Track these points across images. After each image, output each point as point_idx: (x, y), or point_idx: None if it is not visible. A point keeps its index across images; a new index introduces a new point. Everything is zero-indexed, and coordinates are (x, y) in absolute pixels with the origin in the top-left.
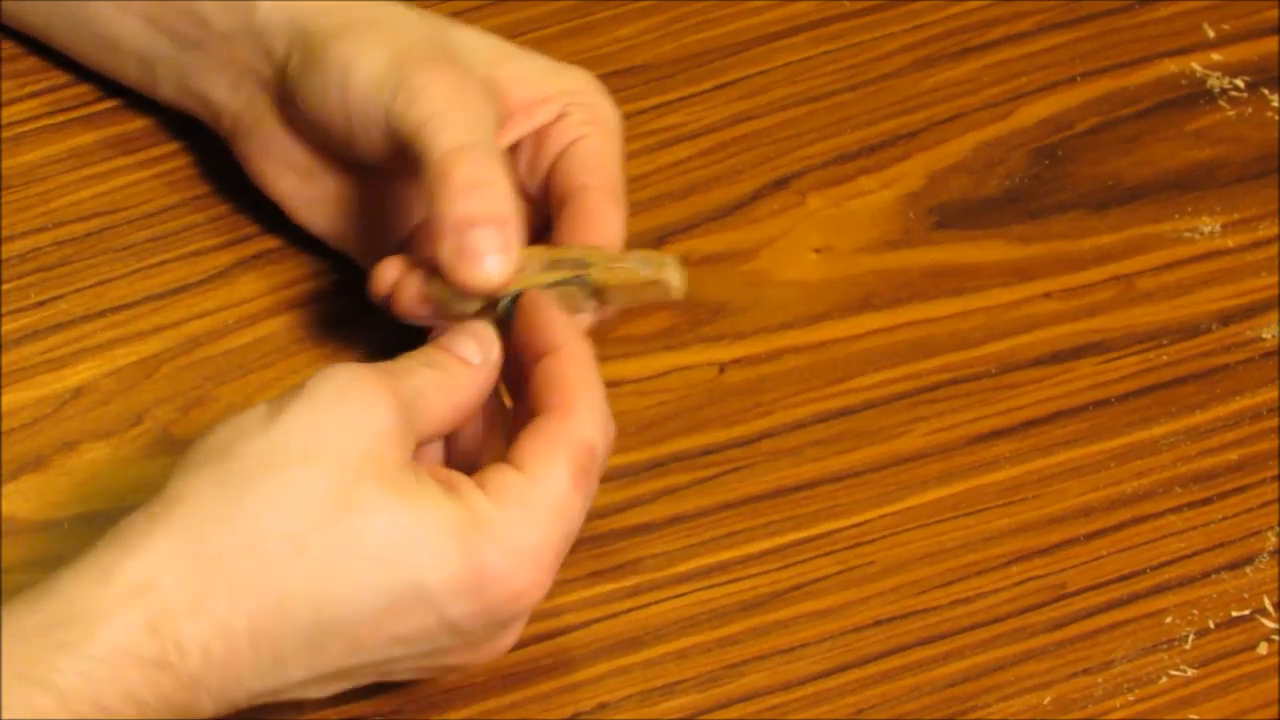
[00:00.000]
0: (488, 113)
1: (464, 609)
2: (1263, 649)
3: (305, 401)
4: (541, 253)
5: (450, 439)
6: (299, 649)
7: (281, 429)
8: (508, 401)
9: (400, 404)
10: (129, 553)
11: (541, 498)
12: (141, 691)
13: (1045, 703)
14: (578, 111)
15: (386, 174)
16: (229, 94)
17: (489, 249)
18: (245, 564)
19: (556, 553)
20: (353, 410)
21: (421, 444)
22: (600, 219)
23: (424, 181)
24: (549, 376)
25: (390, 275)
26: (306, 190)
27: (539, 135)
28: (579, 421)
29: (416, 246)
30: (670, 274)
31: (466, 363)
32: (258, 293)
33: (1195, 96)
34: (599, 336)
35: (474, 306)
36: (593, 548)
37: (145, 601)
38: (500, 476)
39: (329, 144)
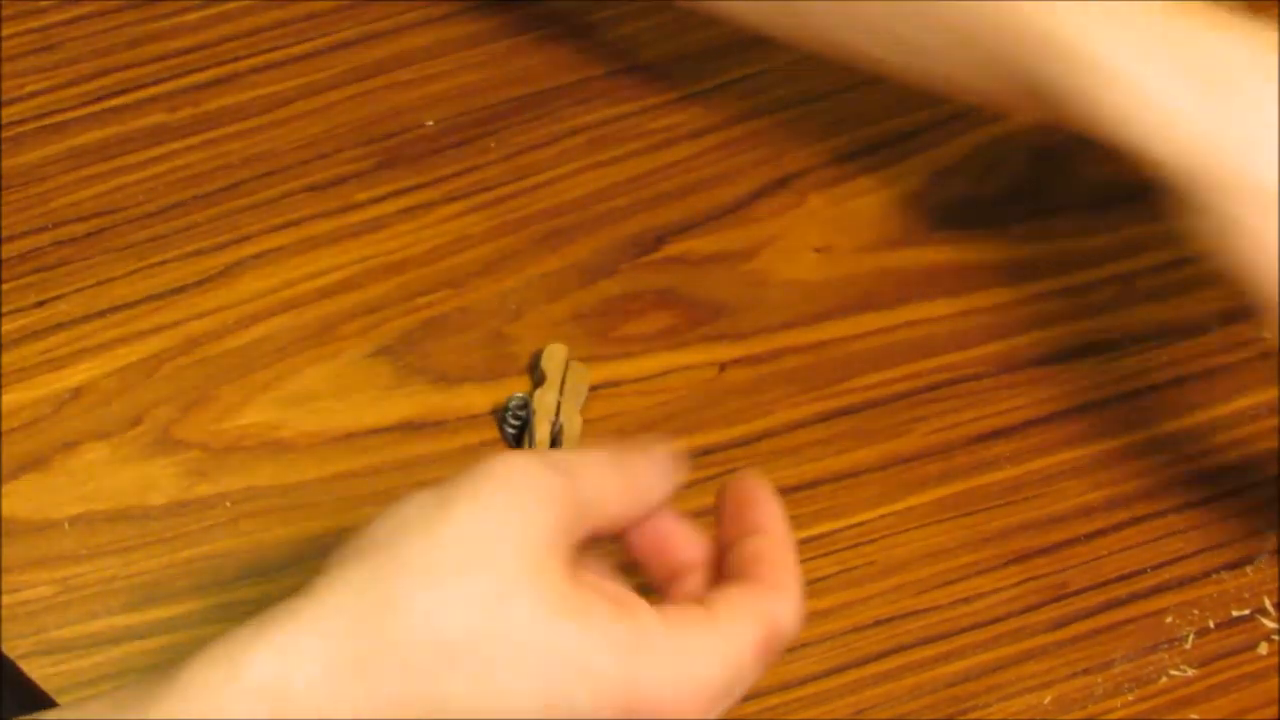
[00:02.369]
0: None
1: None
2: (1263, 649)
3: (470, 503)
4: None
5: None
6: None
7: (447, 527)
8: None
9: (573, 500)
10: (263, 645)
11: (720, 642)
12: None
13: (1045, 702)
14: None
15: None
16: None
17: None
18: (389, 672)
19: (719, 701)
20: (522, 515)
21: (598, 536)
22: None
23: None
24: (759, 554)
25: None
26: None
27: None
28: (782, 600)
29: None
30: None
31: (648, 455)
32: (258, 293)
33: None
34: (599, 336)
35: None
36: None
37: (276, 705)
38: (684, 609)
39: None
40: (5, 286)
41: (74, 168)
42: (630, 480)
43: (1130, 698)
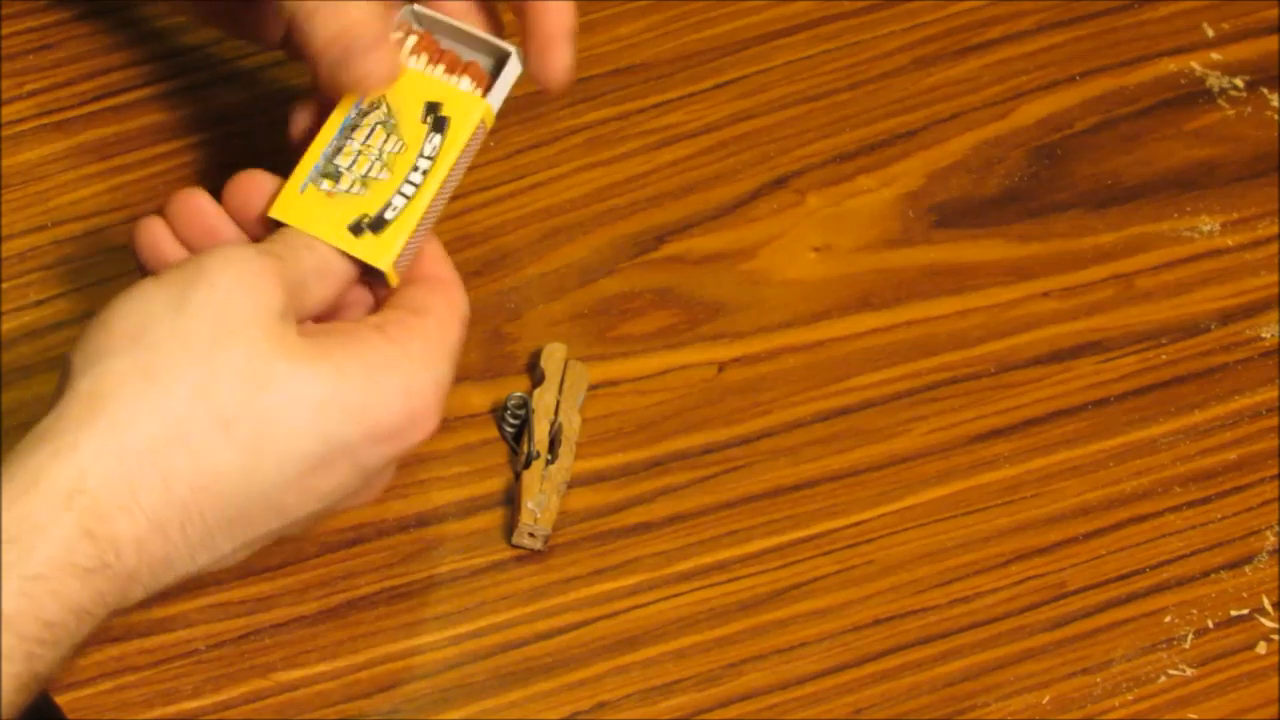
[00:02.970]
0: None
1: (379, 451)
2: (1261, 648)
3: (208, 287)
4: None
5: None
6: (226, 523)
7: (193, 314)
8: None
9: (288, 288)
10: (56, 456)
11: (440, 342)
12: (82, 599)
13: (1044, 702)
14: None
15: None
16: None
17: (359, 51)
18: (174, 451)
19: (448, 388)
20: (254, 295)
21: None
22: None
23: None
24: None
25: (303, 121)
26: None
27: None
28: (461, 294)
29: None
30: (524, 530)
31: (340, 255)
32: None
33: (1195, 96)
34: (597, 336)
35: None
36: (593, 547)
37: (78, 505)
38: (399, 315)
39: None
40: (5, 286)
41: (74, 167)
42: (320, 264)
43: (1129, 697)
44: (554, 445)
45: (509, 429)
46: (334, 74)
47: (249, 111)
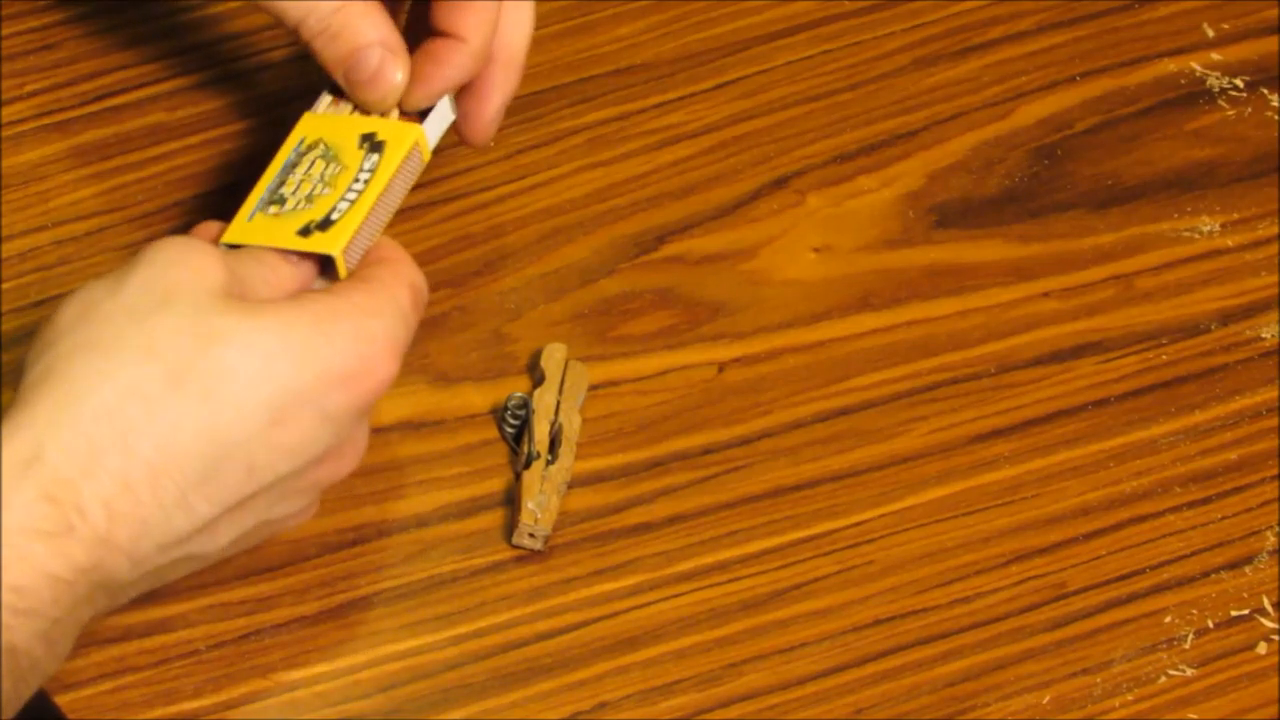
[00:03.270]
0: None
1: (337, 399)
2: (1262, 649)
3: (146, 265)
4: None
5: None
6: (198, 481)
7: (133, 288)
8: None
9: (231, 276)
10: (13, 434)
11: (387, 298)
12: (52, 565)
13: (1044, 702)
14: None
15: None
16: None
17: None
18: (130, 410)
19: (402, 346)
20: (194, 266)
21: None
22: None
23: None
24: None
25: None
26: None
27: None
28: (412, 267)
29: None
30: (524, 530)
31: (289, 263)
32: None
33: (1195, 96)
34: (598, 336)
35: None
36: (593, 547)
37: (36, 473)
38: (346, 284)
39: None
40: (5, 286)
41: (74, 167)
42: (276, 287)
43: (1129, 697)
44: (554, 445)
45: (509, 429)
46: (350, 91)
47: (249, 112)
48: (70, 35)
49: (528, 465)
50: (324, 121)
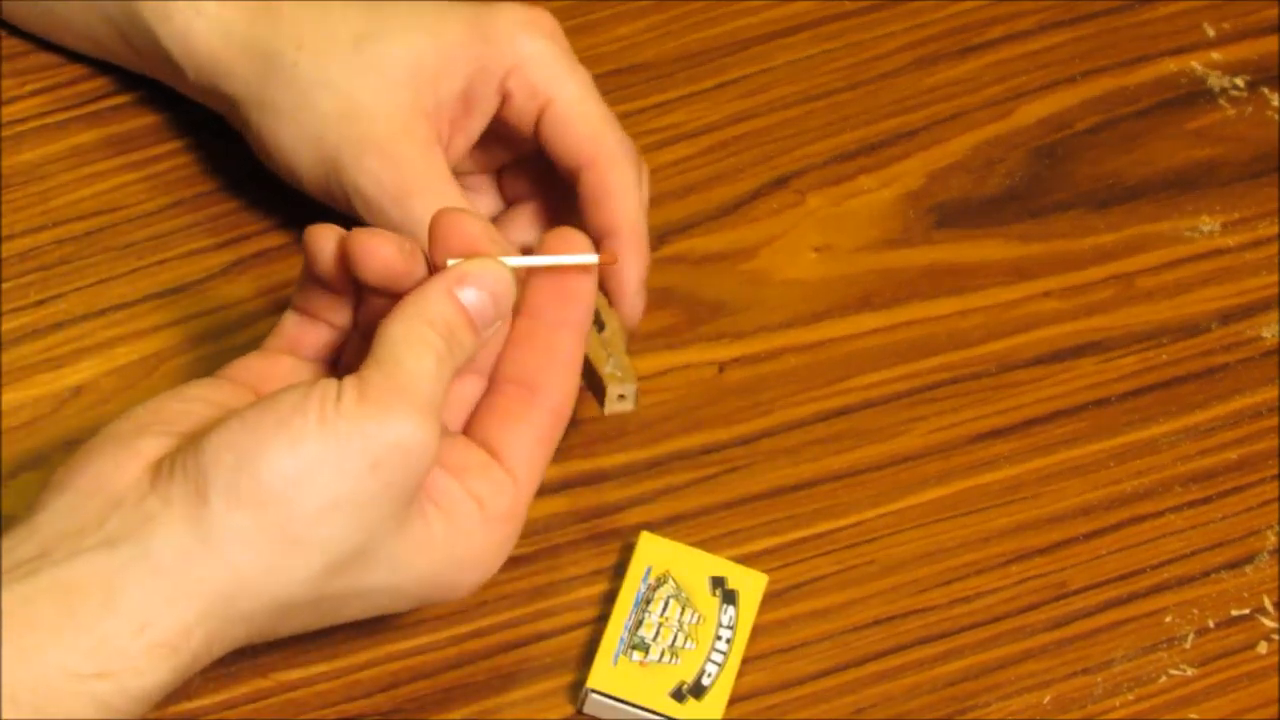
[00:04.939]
0: (429, 172)
1: (424, 595)
2: (1262, 648)
3: (370, 477)
4: None
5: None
6: (265, 629)
7: (341, 507)
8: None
9: (438, 439)
10: (167, 609)
11: (519, 501)
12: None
13: (1044, 702)
14: (523, 79)
15: None
16: (202, 98)
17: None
18: (270, 623)
19: (515, 535)
20: (408, 481)
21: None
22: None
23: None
24: (550, 350)
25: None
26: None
27: (499, 119)
28: (562, 409)
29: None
30: (614, 394)
31: (477, 334)
32: (258, 293)
33: (1195, 96)
34: None
35: None
36: (593, 547)
37: (179, 659)
38: (490, 476)
39: None
40: (5, 286)
41: (74, 167)
42: (460, 359)
43: (1130, 697)
44: (596, 318)
45: None
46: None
47: None
48: None
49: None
50: (665, 549)
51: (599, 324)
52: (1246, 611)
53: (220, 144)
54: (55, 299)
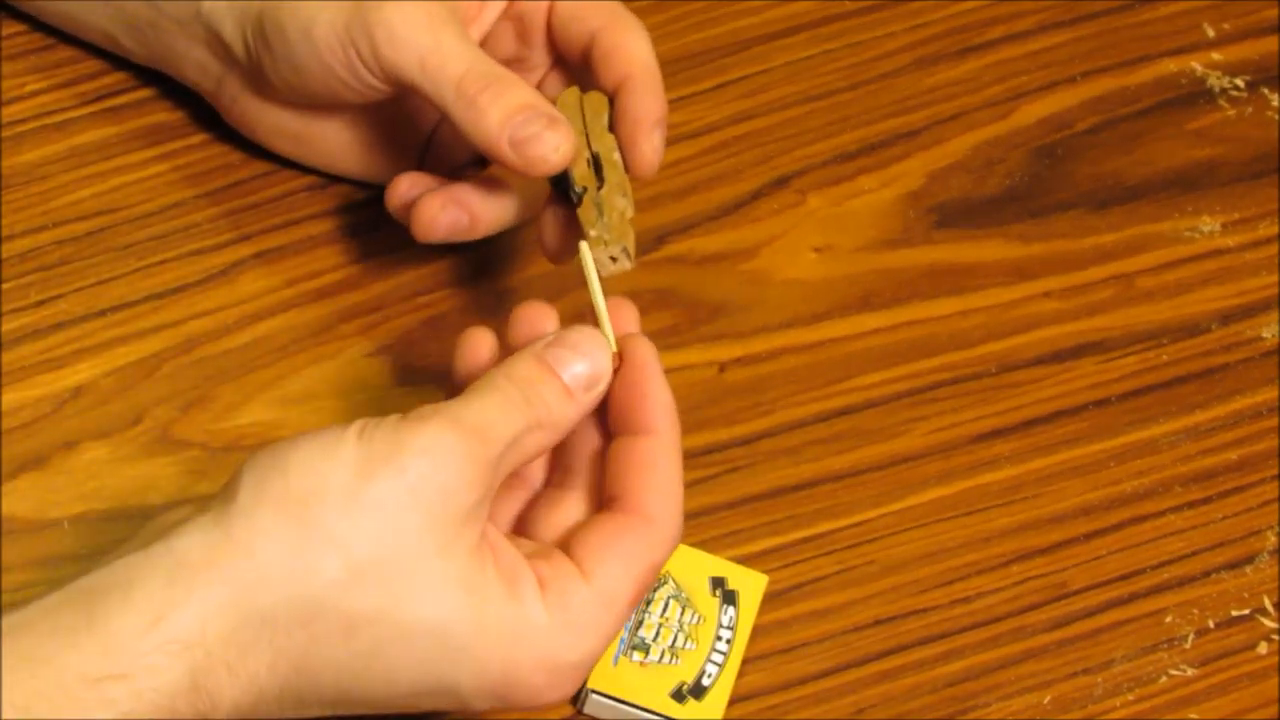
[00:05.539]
0: (457, 24)
1: (486, 704)
2: (1262, 648)
3: (396, 475)
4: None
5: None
6: (320, 708)
7: (367, 503)
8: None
9: (487, 461)
10: (184, 599)
11: (597, 618)
12: None
13: (1045, 702)
14: None
15: (380, 102)
16: (198, 76)
17: (540, 127)
18: (295, 635)
19: (592, 663)
20: (441, 490)
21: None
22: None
23: (452, 115)
24: (642, 465)
25: (403, 188)
26: (302, 148)
27: (512, 11)
28: (658, 537)
29: (432, 156)
30: (603, 257)
31: (570, 395)
32: (258, 293)
33: (1195, 96)
34: None
35: None
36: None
37: (193, 657)
38: (563, 581)
39: (315, 102)
40: (5, 286)
41: (74, 167)
42: (542, 416)
43: (1130, 697)
44: (599, 171)
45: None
46: (518, 151)
47: None
48: (70, 35)
49: (579, 204)
50: None
51: (599, 178)
52: (1246, 612)
53: (221, 144)
54: (55, 299)
